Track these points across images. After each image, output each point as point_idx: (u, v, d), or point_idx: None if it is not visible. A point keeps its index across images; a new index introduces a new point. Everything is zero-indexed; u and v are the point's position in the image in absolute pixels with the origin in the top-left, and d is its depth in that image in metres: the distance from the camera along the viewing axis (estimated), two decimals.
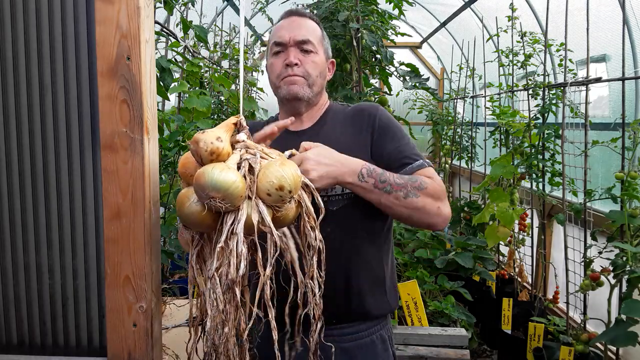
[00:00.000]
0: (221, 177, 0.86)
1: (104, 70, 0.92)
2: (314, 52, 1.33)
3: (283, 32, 1.33)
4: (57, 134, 0.97)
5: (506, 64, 3.59)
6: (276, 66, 1.34)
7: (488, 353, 3.40)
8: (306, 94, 1.32)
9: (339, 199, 1.27)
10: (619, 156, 2.28)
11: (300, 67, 1.32)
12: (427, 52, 7.48)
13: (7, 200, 0.99)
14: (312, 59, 1.33)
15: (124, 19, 0.91)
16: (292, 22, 1.36)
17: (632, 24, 2.77)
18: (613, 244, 2.14)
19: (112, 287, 0.96)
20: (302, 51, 1.32)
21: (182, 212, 0.91)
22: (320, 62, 1.35)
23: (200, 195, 0.87)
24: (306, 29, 1.34)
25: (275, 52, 1.34)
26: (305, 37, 1.32)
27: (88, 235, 0.99)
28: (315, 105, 1.38)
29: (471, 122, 5.03)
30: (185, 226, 0.95)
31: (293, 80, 1.31)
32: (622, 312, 1.93)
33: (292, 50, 1.32)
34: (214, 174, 0.87)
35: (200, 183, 0.86)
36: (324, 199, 1.21)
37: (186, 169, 0.95)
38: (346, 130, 1.33)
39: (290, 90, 1.31)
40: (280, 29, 1.35)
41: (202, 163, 0.90)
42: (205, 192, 0.86)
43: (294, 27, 1.34)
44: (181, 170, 0.97)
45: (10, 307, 1.01)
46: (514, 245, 3.38)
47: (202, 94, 2.58)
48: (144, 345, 0.96)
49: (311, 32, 1.35)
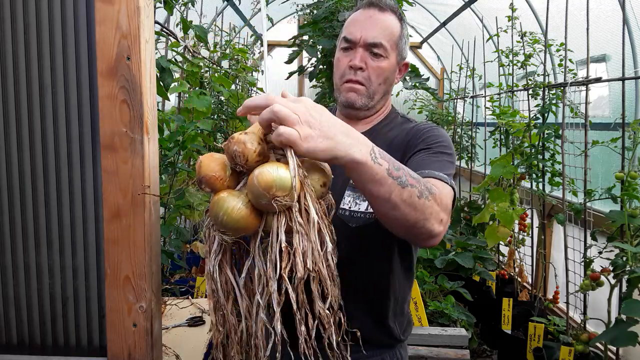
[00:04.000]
0: (286, 175, 0.86)
1: (104, 70, 0.92)
2: (384, 56, 1.22)
3: (355, 28, 1.22)
4: (57, 134, 0.97)
5: (506, 64, 3.59)
6: (341, 64, 1.25)
7: (488, 353, 3.40)
8: (364, 103, 1.24)
9: (361, 217, 1.17)
10: (619, 156, 2.28)
11: (365, 71, 1.22)
12: (427, 52, 7.49)
13: (7, 200, 0.99)
14: (379, 63, 1.22)
15: (124, 19, 0.91)
16: (369, 17, 1.23)
17: (632, 24, 2.77)
18: (613, 244, 2.14)
19: (112, 287, 0.96)
20: (371, 53, 1.21)
21: (231, 218, 0.86)
22: (388, 68, 1.24)
23: (262, 196, 0.84)
24: (382, 28, 1.22)
25: (344, 47, 1.25)
26: (376, 40, 1.21)
27: (88, 235, 0.99)
28: (374, 111, 1.29)
29: (471, 122, 5.03)
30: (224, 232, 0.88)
31: (353, 88, 1.23)
32: (622, 312, 1.93)
33: (359, 52, 1.22)
34: (279, 173, 0.86)
35: (265, 183, 0.83)
36: (345, 214, 1.17)
37: (215, 172, 0.90)
38: (393, 147, 1.19)
39: (349, 98, 1.24)
40: (355, 22, 1.24)
41: (245, 165, 0.86)
42: (271, 192, 0.83)
43: (368, 24, 1.22)
44: (208, 174, 0.89)
45: (10, 307, 1.01)
46: (514, 245, 3.38)
47: (202, 94, 2.58)
48: (144, 345, 0.96)
49: (387, 32, 1.22)
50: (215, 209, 0.87)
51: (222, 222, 0.87)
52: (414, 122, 1.29)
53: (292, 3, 3.66)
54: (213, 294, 0.91)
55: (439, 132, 1.22)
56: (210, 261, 0.90)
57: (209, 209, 0.89)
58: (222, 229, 0.88)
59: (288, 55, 2.78)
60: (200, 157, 0.91)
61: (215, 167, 0.90)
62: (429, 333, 2.52)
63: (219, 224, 0.87)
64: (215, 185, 0.89)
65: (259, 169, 0.87)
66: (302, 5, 3.56)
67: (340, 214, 1.19)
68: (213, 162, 0.90)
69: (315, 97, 3.03)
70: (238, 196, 0.87)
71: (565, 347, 2.40)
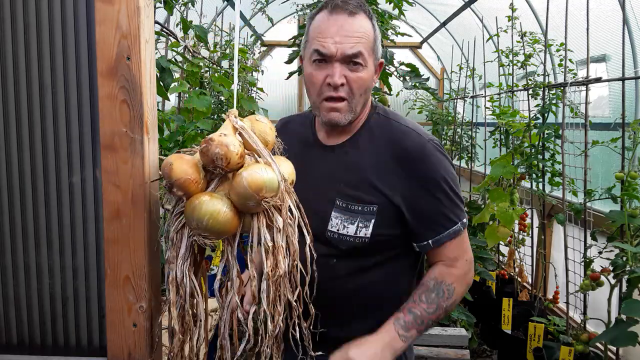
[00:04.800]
0: (273, 176, 0.86)
1: (104, 70, 0.92)
2: (363, 65, 1.12)
3: (328, 41, 1.10)
4: (57, 134, 0.97)
5: (506, 64, 3.59)
6: (316, 80, 1.14)
7: (488, 353, 3.40)
8: (347, 120, 1.15)
9: (350, 240, 1.16)
10: (619, 156, 2.28)
11: (345, 86, 1.12)
12: (427, 52, 7.48)
13: (7, 200, 0.99)
14: (359, 74, 1.12)
15: (124, 19, 0.91)
16: (341, 25, 1.10)
17: (632, 24, 2.76)
18: (613, 244, 2.14)
19: (112, 287, 0.96)
20: (350, 64, 1.11)
21: (217, 222, 0.84)
22: (369, 77, 1.14)
23: (251, 198, 0.84)
24: (359, 36, 1.11)
25: (317, 60, 1.13)
26: (355, 50, 1.10)
27: (88, 235, 0.99)
28: (355, 120, 1.20)
29: (471, 122, 5.03)
30: (206, 236, 0.87)
31: (334, 107, 1.14)
32: (622, 312, 1.92)
33: (336, 67, 1.11)
34: (269, 175, 0.86)
35: (256, 186, 0.83)
36: (334, 236, 1.17)
37: (189, 175, 0.86)
38: (379, 165, 1.15)
39: (332, 119, 1.15)
40: (325, 32, 1.11)
41: (226, 167, 0.85)
42: (261, 194, 0.84)
43: (342, 34, 1.10)
44: (182, 177, 0.86)
45: (10, 307, 1.01)
46: (514, 245, 3.38)
47: (202, 94, 2.58)
48: (144, 345, 0.96)
49: (364, 40, 1.11)
50: (197, 213, 0.83)
51: (207, 227, 0.84)
52: (395, 125, 1.20)
53: (292, 3, 3.66)
54: (178, 299, 0.88)
55: (434, 165, 1.15)
56: (178, 267, 0.88)
57: (186, 213, 0.85)
58: (204, 233, 0.85)
59: (288, 55, 2.78)
60: (167, 159, 0.86)
61: (188, 170, 0.86)
62: (429, 333, 2.52)
63: (202, 228, 0.85)
64: (189, 188, 0.86)
65: (248, 171, 0.85)
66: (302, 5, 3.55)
67: (328, 236, 1.17)
68: (185, 164, 0.86)
69: None
70: (220, 199, 0.86)
71: (565, 347, 2.40)
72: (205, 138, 0.87)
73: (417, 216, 1.15)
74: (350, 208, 1.16)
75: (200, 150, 0.86)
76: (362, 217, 1.14)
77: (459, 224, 1.16)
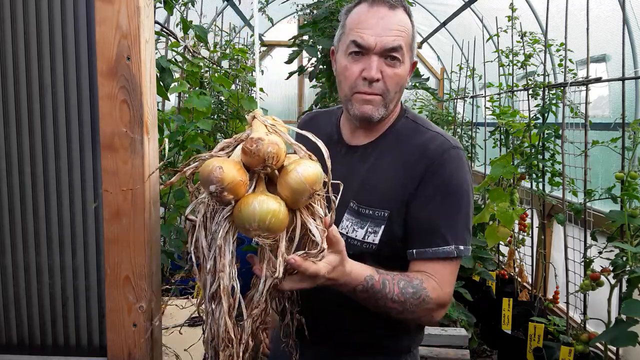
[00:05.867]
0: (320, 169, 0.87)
1: (104, 70, 0.92)
2: (401, 61, 1.08)
3: (367, 33, 1.06)
4: (57, 134, 0.97)
5: (506, 64, 3.59)
6: (352, 73, 1.09)
7: (488, 353, 3.40)
8: (380, 115, 1.11)
9: (357, 245, 1.12)
10: (619, 156, 2.28)
11: (380, 82, 1.08)
12: (427, 52, 7.48)
13: (7, 200, 0.99)
14: (396, 70, 1.08)
15: (124, 19, 0.91)
16: (382, 17, 1.07)
17: (632, 24, 2.77)
18: (613, 244, 2.14)
19: (112, 287, 0.96)
20: (387, 59, 1.07)
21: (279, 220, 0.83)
22: (404, 74, 1.10)
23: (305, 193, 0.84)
24: (398, 29, 1.07)
25: (353, 52, 1.09)
26: (396, 44, 1.06)
27: (88, 235, 0.99)
28: (386, 118, 1.16)
29: (471, 122, 5.03)
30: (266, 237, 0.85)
31: (368, 100, 1.09)
32: (622, 312, 1.92)
33: (374, 60, 1.07)
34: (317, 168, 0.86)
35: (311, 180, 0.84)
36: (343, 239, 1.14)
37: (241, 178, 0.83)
38: (400, 171, 1.10)
39: (364, 112, 1.10)
40: (364, 23, 1.07)
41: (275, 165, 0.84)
42: (314, 187, 0.84)
43: (382, 27, 1.06)
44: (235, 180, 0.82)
45: (10, 307, 1.01)
46: (514, 245, 3.38)
47: (202, 94, 2.58)
48: (144, 345, 0.96)
49: (403, 34, 1.07)
50: (259, 214, 0.82)
51: (269, 226, 0.83)
52: (423, 131, 1.15)
53: (292, 3, 3.66)
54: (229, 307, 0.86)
55: (452, 173, 1.08)
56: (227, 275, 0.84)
57: (243, 216, 0.83)
58: (264, 233, 0.84)
59: (288, 55, 2.78)
60: (211, 163, 0.83)
61: (237, 173, 0.83)
62: (429, 333, 2.52)
63: (263, 229, 0.83)
64: (240, 191, 0.84)
65: (301, 167, 0.85)
66: (302, 5, 3.55)
67: None
68: (232, 166, 0.84)
69: (315, 97, 3.02)
70: (274, 197, 0.85)
71: (565, 347, 2.40)
72: (251, 138, 0.84)
73: (414, 219, 1.08)
74: (362, 212, 1.12)
75: (250, 150, 0.83)
76: (373, 222, 1.10)
77: (452, 246, 1.05)
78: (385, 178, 1.11)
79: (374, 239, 1.10)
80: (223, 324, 0.83)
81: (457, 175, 1.08)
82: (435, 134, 1.13)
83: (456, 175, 1.08)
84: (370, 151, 1.16)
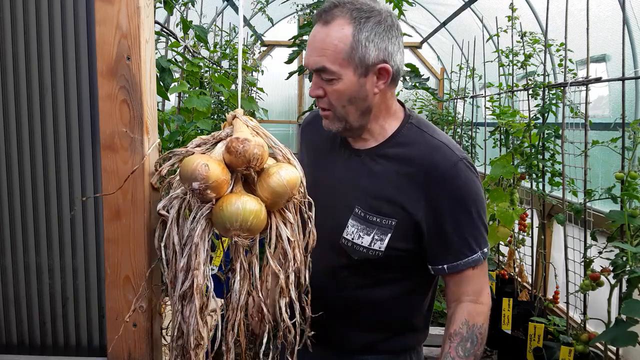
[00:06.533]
0: (300, 174, 0.89)
1: (104, 70, 0.92)
2: (336, 78, 1.05)
3: (306, 53, 1.10)
4: (57, 134, 0.97)
5: (506, 64, 3.59)
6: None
7: (488, 353, 3.40)
8: (338, 127, 1.11)
9: (363, 252, 1.12)
10: (619, 156, 2.28)
11: (325, 98, 1.09)
12: (427, 52, 7.48)
13: (7, 200, 0.99)
14: (334, 87, 1.06)
15: (124, 19, 0.91)
16: (314, 36, 1.07)
17: (632, 24, 2.76)
18: (613, 244, 2.14)
19: (112, 287, 0.95)
20: (322, 79, 1.08)
21: (260, 220, 0.84)
22: (347, 88, 1.06)
23: (285, 196, 0.86)
24: (322, 49, 1.05)
25: None
26: (318, 66, 1.06)
27: (88, 235, 0.99)
28: (364, 130, 1.15)
29: (471, 122, 5.03)
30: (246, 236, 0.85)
31: (324, 115, 1.12)
32: (622, 312, 1.92)
33: (314, 79, 1.09)
34: (299, 173, 0.88)
35: (292, 184, 0.85)
36: (348, 244, 1.14)
37: (224, 176, 0.84)
38: (402, 180, 1.10)
39: (325, 126, 1.14)
40: (307, 45, 1.11)
41: (258, 167, 0.85)
42: (293, 192, 0.86)
43: (312, 47, 1.07)
44: (220, 179, 0.83)
45: (10, 307, 1.01)
46: (514, 245, 3.38)
47: (202, 94, 2.58)
48: (144, 345, 0.96)
49: (329, 52, 1.04)
50: (241, 213, 0.82)
51: (251, 226, 0.83)
52: (428, 139, 1.13)
53: (292, 3, 3.67)
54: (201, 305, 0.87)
55: (466, 184, 1.08)
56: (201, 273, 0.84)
57: (224, 215, 0.83)
58: (244, 233, 0.84)
59: (288, 55, 2.78)
60: (195, 159, 0.83)
61: (221, 171, 0.84)
62: (429, 333, 2.51)
63: (244, 229, 0.83)
64: (222, 190, 0.84)
65: (284, 170, 0.86)
66: (302, 5, 3.55)
67: (342, 243, 1.14)
68: (217, 164, 0.84)
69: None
70: (255, 198, 0.85)
71: (565, 347, 2.40)
72: (237, 138, 0.83)
73: (436, 237, 1.09)
74: (369, 218, 1.11)
75: (236, 150, 0.82)
76: (379, 230, 1.10)
77: (479, 253, 1.10)
78: (391, 186, 1.11)
79: (381, 247, 1.11)
80: (194, 322, 0.83)
81: (469, 187, 1.09)
82: (441, 144, 1.12)
83: (468, 187, 1.09)
84: (374, 156, 1.15)
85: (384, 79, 1.09)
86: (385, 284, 1.17)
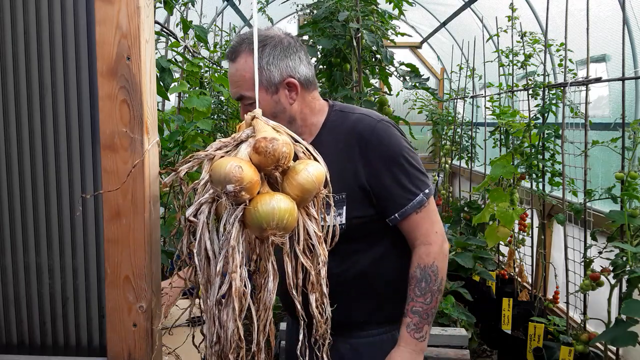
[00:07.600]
0: (325, 169, 0.91)
1: (104, 70, 0.92)
2: (254, 101, 1.11)
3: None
4: (57, 134, 0.97)
5: (506, 64, 3.59)
6: None
7: (488, 353, 3.40)
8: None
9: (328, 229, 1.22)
10: (619, 156, 2.28)
11: None
12: (427, 52, 7.48)
13: (7, 200, 0.99)
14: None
15: (124, 19, 0.91)
16: (229, 72, 1.26)
17: (632, 24, 2.76)
18: (613, 244, 2.14)
19: (112, 287, 0.96)
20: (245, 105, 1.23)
21: (294, 218, 0.85)
22: (266, 106, 1.19)
23: (313, 192, 0.88)
24: (236, 81, 1.23)
25: None
26: (237, 94, 1.23)
27: (88, 235, 0.99)
28: (308, 125, 1.29)
29: (471, 122, 5.03)
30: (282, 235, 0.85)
31: None
32: (622, 312, 1.92)
33: (240, 106, 1.26)
34: (325, 168, 0.91)
35: (320, 180, 0.87)
36: None
37: (257, 177, 0.84)
38: (340, 156, 1.25)
39: None
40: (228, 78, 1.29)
41: (286, 165, 0.85)
42: (321, 188, 0.88)
43: (230, 80, 1.25)
44: (253, 180, 0.82)
45: (10, 307, 1.01)
46: (514, 245, 3.38)
47: (202, 94, 2.58)
48: (144, 345, 0.96)
49: (241, 82, 1.21)
50: (277, 213, 0.82)
51: (286, 225, 0.83)
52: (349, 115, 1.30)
53: (292, 3, 3.66)
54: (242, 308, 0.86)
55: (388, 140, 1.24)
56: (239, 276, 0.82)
57: (260, 215, 0.82)
58: (280, 232, 0.83)
59: None
60: (227, 162, 0.81)
61: (253, 173, 0.83)
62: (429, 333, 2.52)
63: (280, 227, 0.83)
64: (255, 191, 0.84)
65: (311, 167, 0.87)
66: (302, 5, 3.55)
67: None
68: (250, 167, 0.84)
69: None
70: (285, 197, 0.85)
71: (565, 347, 2.40)
72: (263, 137, 0.83)
73: (381, 193, 1.24)
74: None
75: (265, 150, 0.82)
76: (335, 206, 1.22)
77: (420, 194, 1.24)
78: (335, 165, 1.18)
79: (341, 220, 1.25)
80: (232, 326, 0.82)
81: (392, 142, 1.25)
82: (361, 115, 1.30)
83: (391, 142, 1.25)
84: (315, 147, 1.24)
85: (295, 90, 1.24)
86: (359, 253, 1.29)
